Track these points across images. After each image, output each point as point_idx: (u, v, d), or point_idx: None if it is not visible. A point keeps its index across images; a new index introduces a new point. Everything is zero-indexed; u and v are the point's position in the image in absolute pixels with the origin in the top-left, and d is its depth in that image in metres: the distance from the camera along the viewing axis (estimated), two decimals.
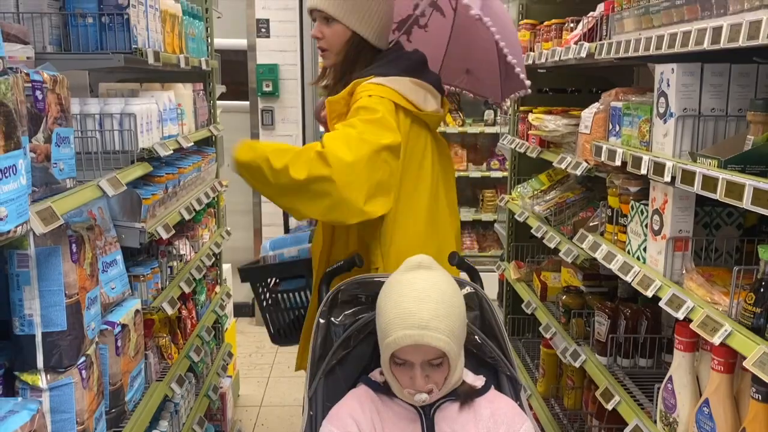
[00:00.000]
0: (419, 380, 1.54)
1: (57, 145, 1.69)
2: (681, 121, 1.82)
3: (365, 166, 1.84)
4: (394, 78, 2.00)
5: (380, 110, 1.92)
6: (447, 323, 1.52)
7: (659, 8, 1.90)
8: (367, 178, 1.86)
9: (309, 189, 1.84)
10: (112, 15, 2.20)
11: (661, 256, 1.92)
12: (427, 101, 2.07)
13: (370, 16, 2.07)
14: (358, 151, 1.83)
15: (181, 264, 2.95)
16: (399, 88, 2.00)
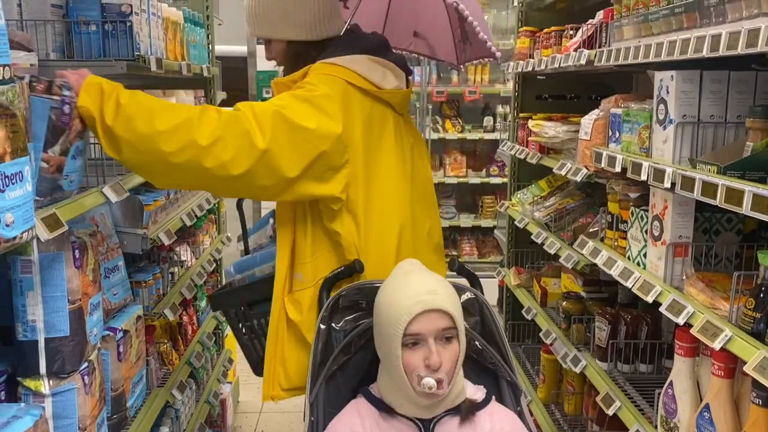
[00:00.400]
0: (434, 355, 1.51)
1: (73, 157, 1.69)
2: (680, 128, 1.84)
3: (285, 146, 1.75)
4: (348, 57, 1.94)
5: (321, 89, 1.83)
6: (452, 296, 1.59)
7: (658, 16, 1.91)
8: (288, 163, 1.76)
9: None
10: (115, 22, 2.22)
11: (661, 261, 1.93)
12: (386, 78, 1.97)
13: (296, 19, 2.01)
14: (273, 132, 1.73)
15: (182, 270, 2.96)
16: (353, 66, 1.91)
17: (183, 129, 1.71)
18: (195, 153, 1.71)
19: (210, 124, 1.73)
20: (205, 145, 1.71)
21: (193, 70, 2.97)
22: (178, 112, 1.75)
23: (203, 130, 1.71)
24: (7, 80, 1.25)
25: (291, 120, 1.77)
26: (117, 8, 2.23)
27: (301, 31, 2.03)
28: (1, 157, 1.21)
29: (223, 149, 1.71)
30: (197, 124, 1.72)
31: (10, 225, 1.25)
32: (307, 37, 2.04)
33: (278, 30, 2.03)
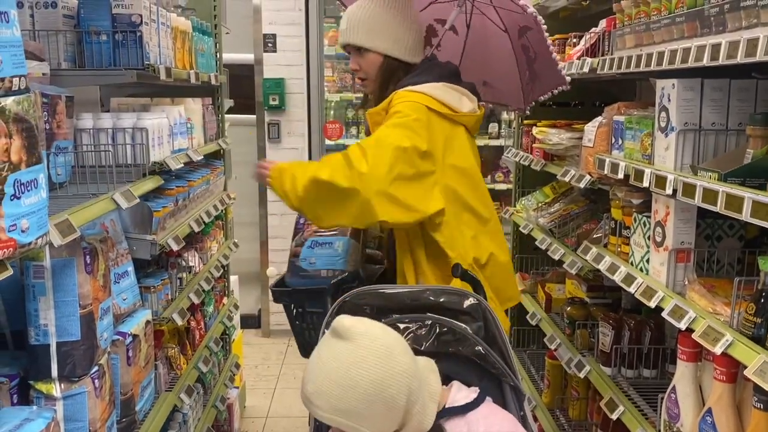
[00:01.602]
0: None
1: None
2: (682, 135, 1.86)
3: (385, 170, 1.95)
4: (428, 84, 2.09)
5: (411, 114, 2.01)
6: (328, 400, 1.44)
7: (659, 25, 1.94)
8: (388, 180, 1.95)
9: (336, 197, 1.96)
10: (126, 32, 2.26)
11: (663, 267, 1.95)
12: (462, 102, 2.13)
13: (397, 36, 2.15)
14: (374, 158, 1.94)
15: (190, 275, 2.99)
16: (432, 92, 2.07)
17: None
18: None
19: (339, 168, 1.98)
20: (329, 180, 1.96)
21: (201, 78, 3.01)
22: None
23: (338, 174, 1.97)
24: (23, 90, 1.28)
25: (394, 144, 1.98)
26: (127, 18, 2.27)
27: (402, 49, 2.17)
28: (17, 165, 1.25)
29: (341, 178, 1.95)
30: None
31: (26, 231, 1.28)
32: (404, 57, 2.18)
33: (380, 42, 2.16)
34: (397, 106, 2.05)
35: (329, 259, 2.23)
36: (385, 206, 1.97)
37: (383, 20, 2.15)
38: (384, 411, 1.45)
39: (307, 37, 5.37)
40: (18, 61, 1.28)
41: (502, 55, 2.46)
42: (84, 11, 2.26)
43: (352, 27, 2.16)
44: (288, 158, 5.59)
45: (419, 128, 2.01)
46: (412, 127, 2.00)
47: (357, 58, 2.21)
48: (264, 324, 5.49)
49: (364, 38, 2.15)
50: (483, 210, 2.20)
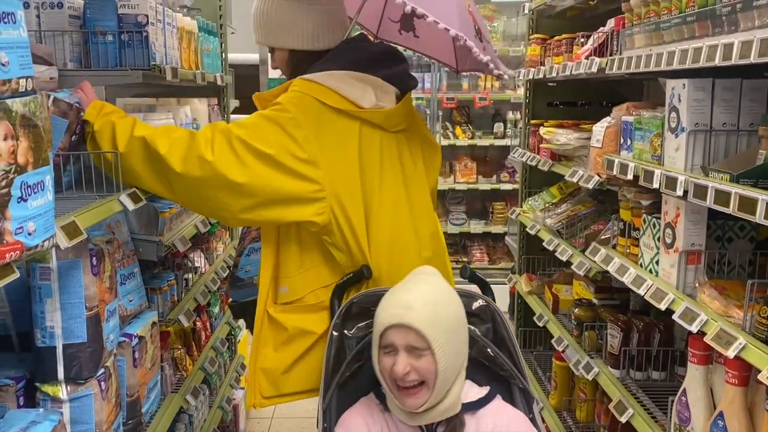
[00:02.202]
0: (400, 364, 1.55)
1: None
2: (692, 136, 1.84)
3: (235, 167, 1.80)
4: (327, 73, 1.90)
5: (290, 110, 1.84)
6: (433, 311, 1.57)
7: (670, 25, 1.92)
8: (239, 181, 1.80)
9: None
10: (132, 32, 2.25)
11: (673, 269, 1.93)
12: (365, 96, 1.90)
13: (294, 27, 2.03)
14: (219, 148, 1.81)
15: (196, 276, 2.99)
16: (327, 81, 1.88)
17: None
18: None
19: (180, 144, 1.86)
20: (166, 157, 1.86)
21: (207, 78, 3.00)
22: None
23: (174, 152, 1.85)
24: (29, 92, 1.27)
25: (248, 144, 1.81)
26: (133, 19, 2.26)
27: (303, 40, 2.04)
28: (23, 167, 1.24)
29: (178, 160, 1.83)
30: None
31: (33, 233, 1.27)
32: (308, 47, 2.04)
33: (280, 38, 2.06)
34: (282, 97, 1.89)
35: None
36: (239, 209, 1.84)
37: (276, 15, 2.04)
38: (458, 346, 1.62)
39: None
40: (25, 62, 1.27)
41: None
42: (90, 12, 2.25)
43: (255, 29, 2.12)
44: None
45: (292, 128, 1.82)
46: (285, 127, 1.82)
47: (272, 56, 2.14)
48: None
49: (268, 38, 2.08)
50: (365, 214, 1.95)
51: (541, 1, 3.38)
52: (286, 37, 2.04)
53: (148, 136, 1.88)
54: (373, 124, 1.93)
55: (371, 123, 1.93)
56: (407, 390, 1.59)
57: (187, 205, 2.05)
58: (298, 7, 2.02)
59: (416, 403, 1.59)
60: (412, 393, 1.59)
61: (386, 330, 1.58)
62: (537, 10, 3.65)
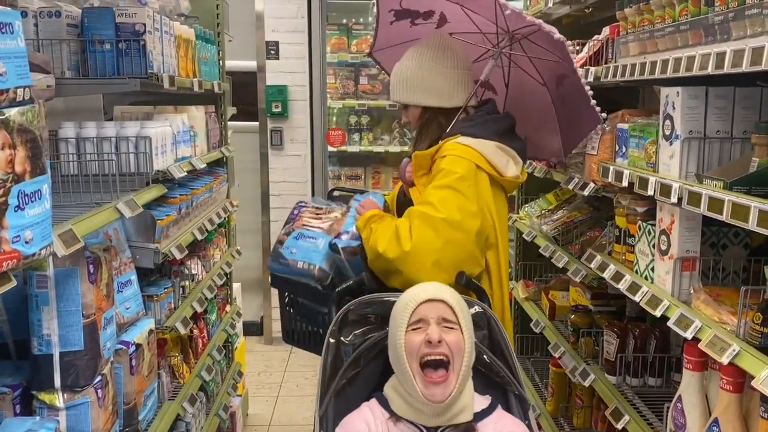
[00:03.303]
0: (434, 332, 1.62)
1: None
2: (687, 143, 1.86)
3: (429, 246, 2.01)
4: (480, 140, 2.12)
5: (457, 171, 2.06)
6: (458, 300, 1.72)
7: (663, 33, 1.94)
8: (433, 256, 2.00)
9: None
10: (129, 41, 2.26)
11: (668, 276, 1.94)
12: (508, 166, 2.17)
13: (431, 87, 2.24)
14: (420, 235, 2.01)
15: (193, 283, 2.99)
16: (483, 150, 2.11)
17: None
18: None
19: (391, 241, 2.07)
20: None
21: (204, 86, 3.01)
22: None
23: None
24: (27, 101, 1.28)
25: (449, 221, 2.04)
26: (131, 27, 2.27)
27: (437, 98, 2.26)
28: (21, 175, 1.25)
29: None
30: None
31: (30, 242, 1.28)
32: (442, 104, 2.26)
33: (418, 97, 2.27)
34: (443, 163, 2.09)
35: (308, 253, 2.23)
36: (432, 275, 2.00)
37: (416, 75, 2.25)
38: (473, 341, 1.70)
39: (310, 45, 5.38)
40: (22, 72, 1.28)
41: (542, 109, 2.50)
42: (88, 20, 2.27)
43: (394, 86, 2.32)
44: (290, 165, 5.59)
45: (466, 188, 2.06)
46: (458, 189, 2.05)
47: (404, 111, 2.36)
48: (266, 331, 5.48)
49: (402, 95, 2.29)
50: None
51: (537, 9, 3.40)
52: (423, 96, 2.27)
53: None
54: (502, 189, 2.20)
55: (501, 188, 2.20)
56: (433, 377, 1.61)
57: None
58: (437, 68, 2.26)
59: (443, 393, 1.61)
60: (438, 381, 1.62)
61: (419, 305, 1.67)
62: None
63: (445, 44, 2.32)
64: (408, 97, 2.29)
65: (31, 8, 2.19)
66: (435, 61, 2.28)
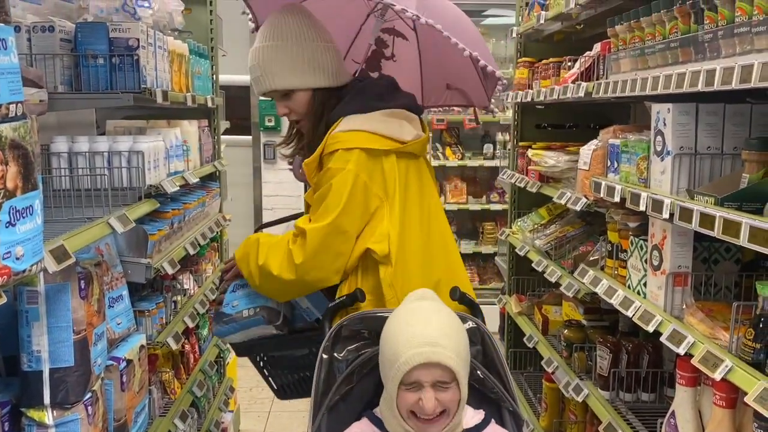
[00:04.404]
0: (429, 403, 1.53)
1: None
2: (678, 159, 1.87)
3: (323, 256, 1.91)
4: (364, 117, 1.92)
5: (342, 167, 1.87)
6: (455, 342, 1.58)
7: (654, 50, 1.96)
8: (331, 262, 1.92)
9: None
10: (122, 56, 2.26)
11: (661, 291, 1.95)
12: (404, 130, 1.95)
13: (318, 64, 1.98)
14: (311, 245, 1.89)
15: (185, 298, 2.97)
16: (370, 126, 1.90)
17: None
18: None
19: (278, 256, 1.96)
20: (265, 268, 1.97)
21: (198, 101, 3.02)
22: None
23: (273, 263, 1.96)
24: (19, 116, 1.28)
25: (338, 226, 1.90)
26: (124, 42, 2.28)
27: (328, 77, 2.00)
28: (12, 191, 1.24)
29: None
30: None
31: (21, 258, 1.27)
32: (332, 83, 2.01)
33: (307, 79, 1.98)
34: (330, 161, 1.89)
35: (249, 298, 2.07)
36: (331, 278, 1.96)
37: (298, 53, 1.96)
38: (469, 369, 1.64)
39: None
40: (15, 87, 1.27)
41: (458, 54, 2.23)
42: (81, 35, 2.27)
43: (270, 72, 1.97)
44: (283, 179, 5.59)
45: (350, 186, 1.88)
46: (342, 190, 1.87)
47: (284, 102, 2.02)
48: None
49: (288, 80, 1.97)
50: (433, 245, 2.07)
51: (529, 25, 3.43)
52: (312, 77, 1.98)
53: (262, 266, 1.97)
54: (408, 153, 1.97)
55: (407, 153, 1.97)
56: (428, 421, 1.58)
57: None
58: (318, 45, 2.00)
59: (436, 430, 1.59)
60: (433, 422, 1.58)
61: (413, 369, 1.54)
62: (525, 33, 3.70)
63: (309, 14, 2.06)
64: (297, 81, 1.96)
65: (25, 23, 2.19)
66: (317, 35, 2.00)
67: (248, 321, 2.05)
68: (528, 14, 3.58)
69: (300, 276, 1.92)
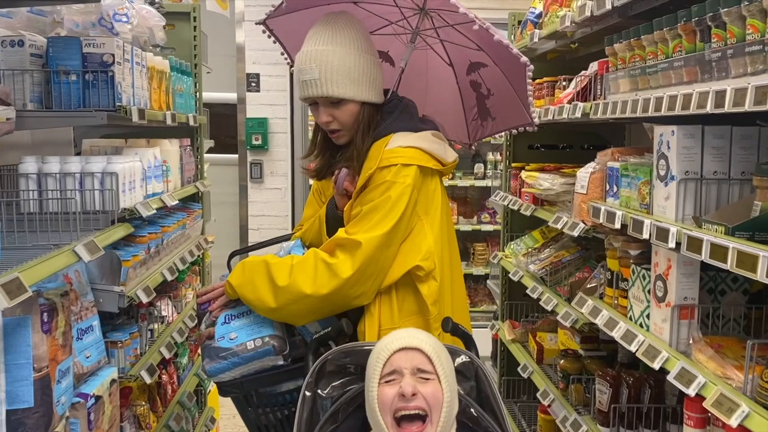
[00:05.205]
0: (408, 385, 1.51)
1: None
2: (683, 185, 1.77)
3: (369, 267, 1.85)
4: (416, 136, 1.94)
5: (405, 181, 1.86)
6: (435, 343, 1.61)
7: (656, 69, 1.86)
8: (376, 276, 1.87)
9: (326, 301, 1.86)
10: (97, 72, 2.15)
11: (666, 324, 1.83)
12: (447, 152, 2.00)
13: (372, 78, 1.95)
14: (365, 255, 1.83)
15: (162, 326, 2.83)
16: (425, 146, 1.92)
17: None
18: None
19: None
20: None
21: (179, 119, 2.90)
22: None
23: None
24: None
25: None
26: (99, 58, 2.16)
27: (377, 93, 1.98)
28: None
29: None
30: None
31: None
32: (379, 100, 1.99)
33: (361, 90, 1.93)
34: (388, 175, 1.87)
35: (252, 328, 1.90)
36: (371, 294, 1.89)
37: (356, 64, 1.91)
38: (455, 390, 1.61)
39: (291, 77, 5.31)
40: None
41: (443, 89, 2.31)
42: (53, 50, 2.15)
43: (330, 78, 1.88)
44: (270, 198, 5.47)
45: (406, 201, 1.86)
46: (398, 204, 1.85)
47: (330, 110, 1.93)
48: None
49: (345, 89, 1.89)
50: (456, 263, 2.07)
51: (522, 44, 3.34)
52: (366, 90, 1.94)
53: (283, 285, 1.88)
54: (442, 174, 2.02)
55: (439, 174, 2.00)
56: (410, 427, 1.51)
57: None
58: (373, 60, 1.98)
59: None
60: (416, 426, 1.52)
61: (392, 355, 1.56)
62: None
63: (362, 25, 2.01)
64: (352, 91, 1.90)
65: None
66: (369, 48, 1.97)
67: (255, 353, 1.87)
68: (521, 33, 3.49)
69: (345, 291, 1.84)
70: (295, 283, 1.84)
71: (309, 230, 2.15)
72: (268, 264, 1.90)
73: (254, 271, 1.91)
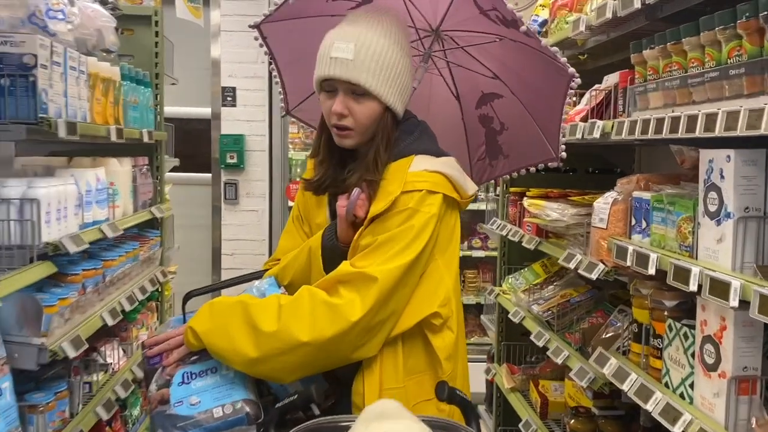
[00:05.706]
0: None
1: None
2: (742, 224, 1.40)
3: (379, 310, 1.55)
4: (440, 161, 1.66)
5: (430, 211, 1.60)
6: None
7: (703, 80, 1.50)
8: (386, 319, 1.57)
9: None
10: (14, 77, 1.76)
11: (719, 399, 1.45)
12: (467, 183, 1.72)
13: (404, 86, 1.67)
14: (383, 290, 1.53)
15: (106, 376, 2.41)
16: (451, 173, 1.66)
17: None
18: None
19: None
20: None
21: (129, 135, 2.50)
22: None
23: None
24: None
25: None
26: (17, 59, 1.77)
27: (403, 103, 1.70)
28: None
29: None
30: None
31: None
32: (402, 112, 1.70)
33: (392, 93, 1.64)
34: (411, 201, 1.59)
35: (220, 390, 1.54)
36: (377, 345, 1.57)
37: (397, 63, 1.63)
38: None
39: (270, 92, 4.95)
40: None
41: (446, 123, 2.02)
42: None
43: (365, 64, 1.59)
44: (245, 221, 5.09)
45: (430, 233, 1.59)
46: (420, 238, 1.58)
47: (350, 101, 1.62)
48: None
49: (377, 81, 1.60)
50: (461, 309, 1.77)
51: None
52: (396, 94, 1.65)
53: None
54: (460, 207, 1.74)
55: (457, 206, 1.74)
56: None
57: None
58: (410, 68, 1.70)
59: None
60: None
61: None
62: None
63: (407, 30, 1.75)
64: (385, 90, 1.62)
65: None
66: (409, 53, 1.71)
67: (223, 422, 1.50)
68: None
69: (350, 338, 1.52)
70: (286, 328, 1.50)
71: (290, 266, 1.73)
72: (247, 305, 1.54)
73: (227, 314, 1.54)
